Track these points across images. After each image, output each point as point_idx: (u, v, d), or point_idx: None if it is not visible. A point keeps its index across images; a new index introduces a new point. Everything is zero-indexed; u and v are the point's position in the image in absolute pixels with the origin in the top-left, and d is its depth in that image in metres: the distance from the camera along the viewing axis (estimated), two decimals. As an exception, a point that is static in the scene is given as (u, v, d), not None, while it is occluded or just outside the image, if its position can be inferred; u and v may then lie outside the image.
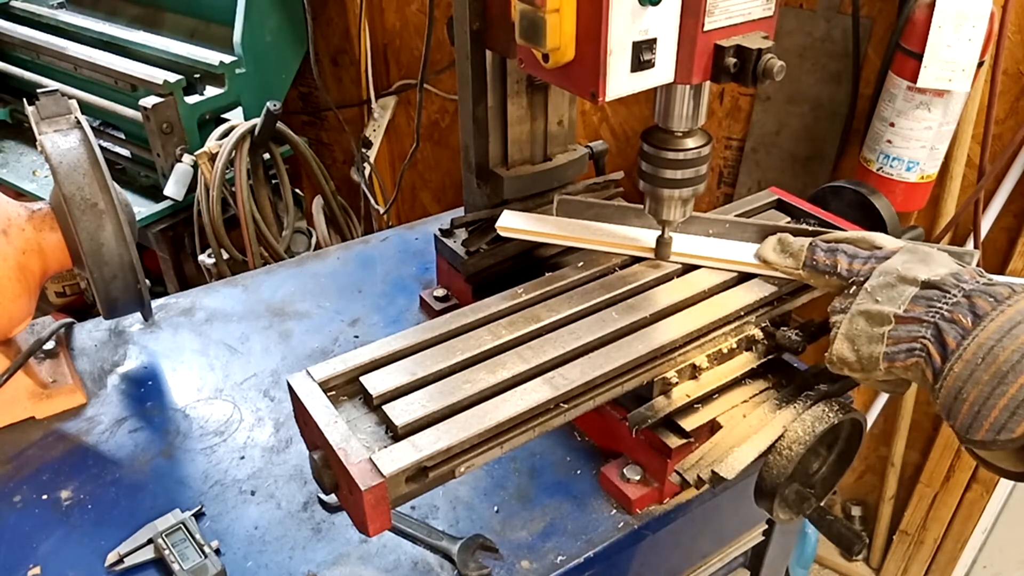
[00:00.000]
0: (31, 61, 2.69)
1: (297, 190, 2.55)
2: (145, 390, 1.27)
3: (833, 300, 0.91)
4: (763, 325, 1.03)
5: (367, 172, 2.86)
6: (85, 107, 2.23)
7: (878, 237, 0.95)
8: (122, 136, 2.58)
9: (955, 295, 0.79)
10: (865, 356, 0.84)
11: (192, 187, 2.30)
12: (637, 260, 1.09)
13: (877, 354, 0.83)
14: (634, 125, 2.38)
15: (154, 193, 2.39)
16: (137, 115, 2.25)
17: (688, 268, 1.07)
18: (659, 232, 1.06)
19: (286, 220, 2.47)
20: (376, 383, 0.84)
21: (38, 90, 1.20)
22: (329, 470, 0.79)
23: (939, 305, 0.79)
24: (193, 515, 1.02)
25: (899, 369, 0.82)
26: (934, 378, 0.78)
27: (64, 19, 2.73)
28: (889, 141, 1.75)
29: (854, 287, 0.88)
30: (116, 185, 1.15)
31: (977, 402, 0.74)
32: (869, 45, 1.90)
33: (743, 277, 1.06)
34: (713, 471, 0.90)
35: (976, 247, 1.91)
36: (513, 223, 1.14)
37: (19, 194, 2.50)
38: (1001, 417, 0.72)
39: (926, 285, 0.81)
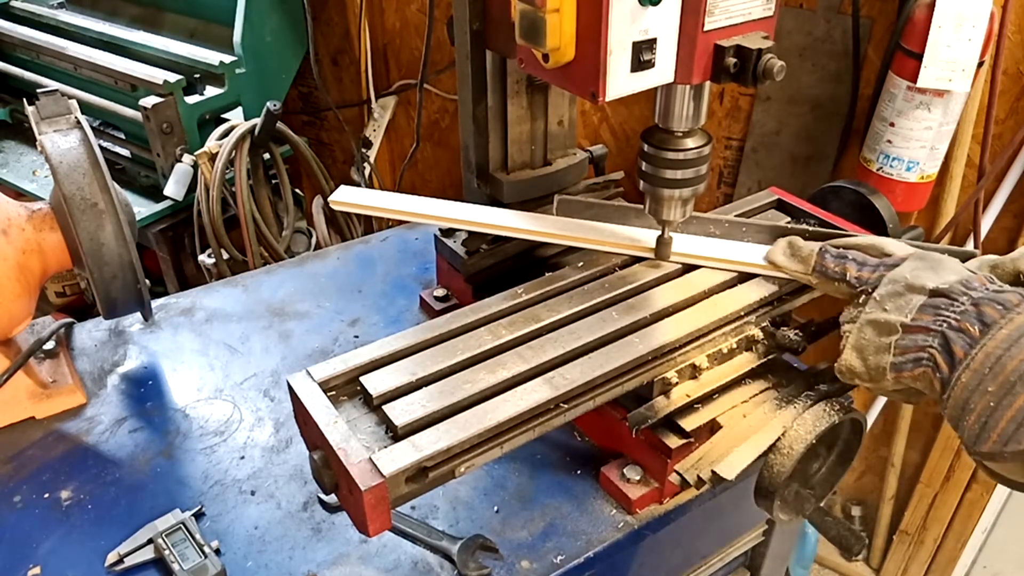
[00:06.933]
0: (31, 61, 2.69)
1: (297, 190, 2.55)
2: (145, 390, 1.27)
3: (844, 309, 0.89)
4: (763, 325, 1.03)
5: (367, 172, 2.86)
6: (85, 107, 2.23)
7: (888, 243, 0.92)
8: (122, 136, 2.57)
9: (963, 303, 0.76)
10: (873, 366, 0.82)
11: (192, 187, 2.30)
12: (637, 260, 1.09)
13: (884, 364, 0.81)
14: (634, 125, 2.38)
15: (154, 193, 2.39)
16: (137, 115, 2.25)
17: (688, 268, 1.07)
18: (659, 232, 1.06)
19: (286, 220, 2.47)
20: (376, 383, 0.84)
21: (38, 90, 1.20)
22: (329, 470, 0.79)
23: (947, 314, 0.77)
24: (193, 515, 1.02)
25: (907, 379, 0.80)
26: (942, 388, 0.76)
27: (64, 19, 2.73)
28: (889, 141, 1.75)
29: (863, 296, 0.86)
30: (116, 185, 1.15)
31: (984, 413, 0.72)
32: (869, 45, 1.90)
33: (743, 277, 1.06)
34: (713, 471, 0.90)
35: (976, 247, 1.91)
36: (346, 197, 1.14)
37: (19, 194, 2.50)
38: (1008, 428, 0.70)
39: (934, 293, 0.79)
